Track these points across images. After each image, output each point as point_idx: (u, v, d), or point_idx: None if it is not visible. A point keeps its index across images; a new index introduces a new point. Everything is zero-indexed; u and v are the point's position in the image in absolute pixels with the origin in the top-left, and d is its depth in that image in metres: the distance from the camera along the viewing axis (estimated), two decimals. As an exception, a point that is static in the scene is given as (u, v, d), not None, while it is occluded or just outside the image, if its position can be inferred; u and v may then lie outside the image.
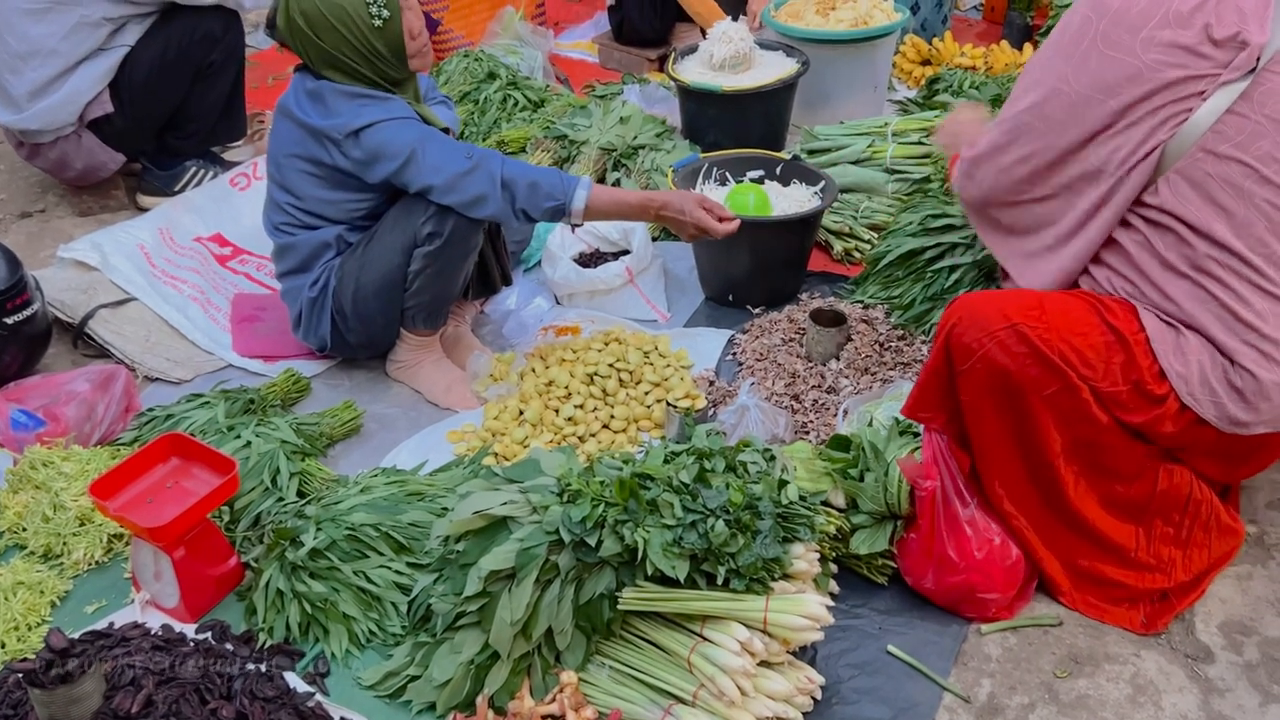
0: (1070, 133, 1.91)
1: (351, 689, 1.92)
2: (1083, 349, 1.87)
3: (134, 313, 3.01)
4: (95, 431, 2.52)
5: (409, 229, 2.53)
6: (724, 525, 1.79)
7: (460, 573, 1.89)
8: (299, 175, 2.58)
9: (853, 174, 3.44)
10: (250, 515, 2.24)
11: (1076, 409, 1.89)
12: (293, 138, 2.56)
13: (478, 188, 2.44)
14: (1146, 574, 2.03)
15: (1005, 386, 1.89)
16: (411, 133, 2.45)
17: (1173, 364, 1.87)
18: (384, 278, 2.58)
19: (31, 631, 2.04)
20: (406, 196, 2.53)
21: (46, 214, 3.69)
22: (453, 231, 2.53)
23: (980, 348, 1.88)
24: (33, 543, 2.22)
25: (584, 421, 2.60)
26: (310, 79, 2.53)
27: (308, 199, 2.60)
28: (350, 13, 2.41)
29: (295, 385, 2.74)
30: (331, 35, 2.43)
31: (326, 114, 2.48)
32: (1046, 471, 1.96)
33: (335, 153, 2.50)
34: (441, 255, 2.56)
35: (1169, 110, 1.83)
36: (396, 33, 2.47)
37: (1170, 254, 1.87)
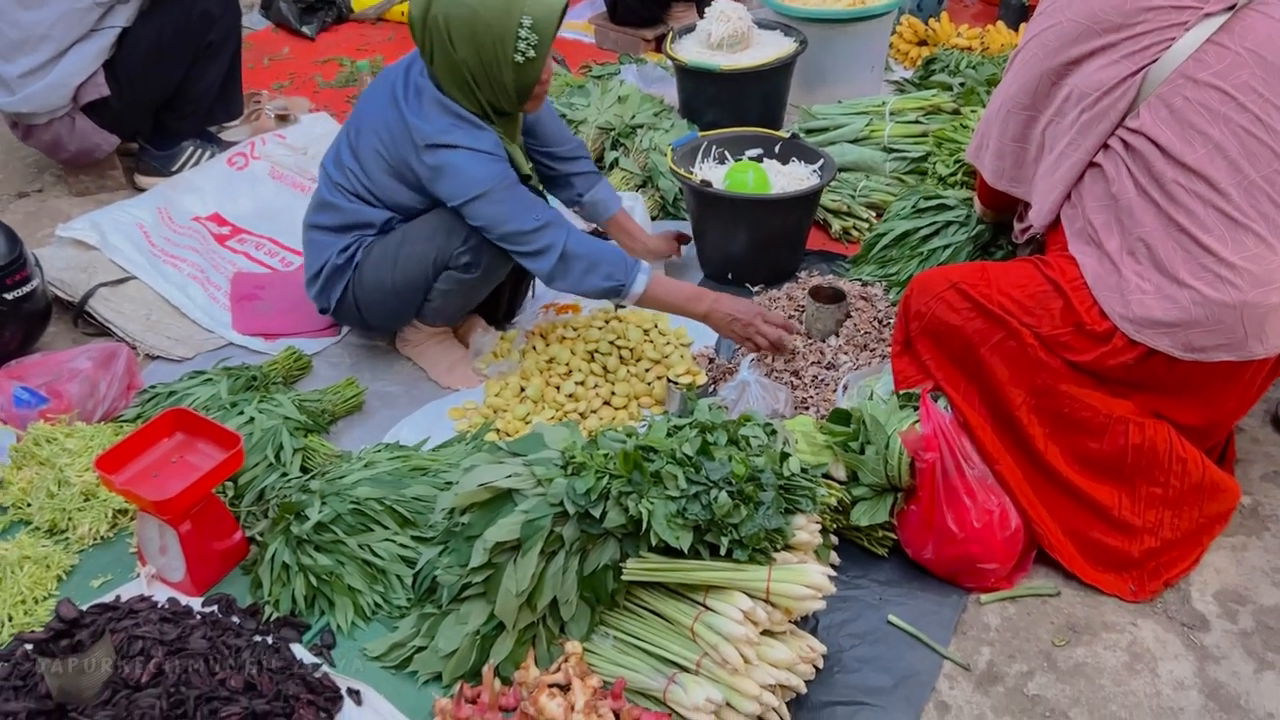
0: (1061, 56, 2.06)
1: (357, 660, 1.94)
2: (1020, 299, 2.03)
3: (134, 291, 3.01)
4: (98, 409, 2.53)
5: (446, 249, 2.51)
6: (727, 497, 1.81)
7: (465, 545, 1.91)
8: (372, 152, 2.51)
9: (851, 153, 3.46)
10: (254, 490, 2.25)
11: (1024, 354, 2.03)
12: (382, 113, 2.49)
13: (537, 246, 2.42)
14: (1134, 536, 2.06)
15: (957, 342, 2.08)
16: (490, 170, 2.40)
17: (1115, 307, 1.98)
18: (408, 283, 2.57)
19: (38, 605, 2.06)
20: (456, 218, 2.48)
21: (44, 194, 3.68)
22: (488, 266, 2.58)
23: (928, 309, 2.10)
24: (38, 518, 2.23)
25: (585, 398, 2.62)
26: (423, 71, 2.46)
27: (372, 176, 2.53)
28: (498, 38, 2.32)
29: (296, 363, 2.75)
30: (467, 50, 2.33)
31: (419, 114, 2.42)
32: (1015, 427, 2.07)
33: (410, 152, 2.44)
34: (468, 282, 2.59)
35: (1153, 38, 1.96)
36: (533, 75, 2.40)
37: (1142, 178, 1.97)
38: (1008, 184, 2.28)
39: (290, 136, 3.79)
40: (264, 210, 3.49)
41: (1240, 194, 1.91)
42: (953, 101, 3.58)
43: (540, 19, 2.32)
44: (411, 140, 2.42)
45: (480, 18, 2.30)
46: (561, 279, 2.46)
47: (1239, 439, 2.37)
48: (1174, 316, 1.93)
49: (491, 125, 2.46)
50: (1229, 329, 1.91)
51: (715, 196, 2.92)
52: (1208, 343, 1.93)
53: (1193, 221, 1.92)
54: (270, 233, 3.39)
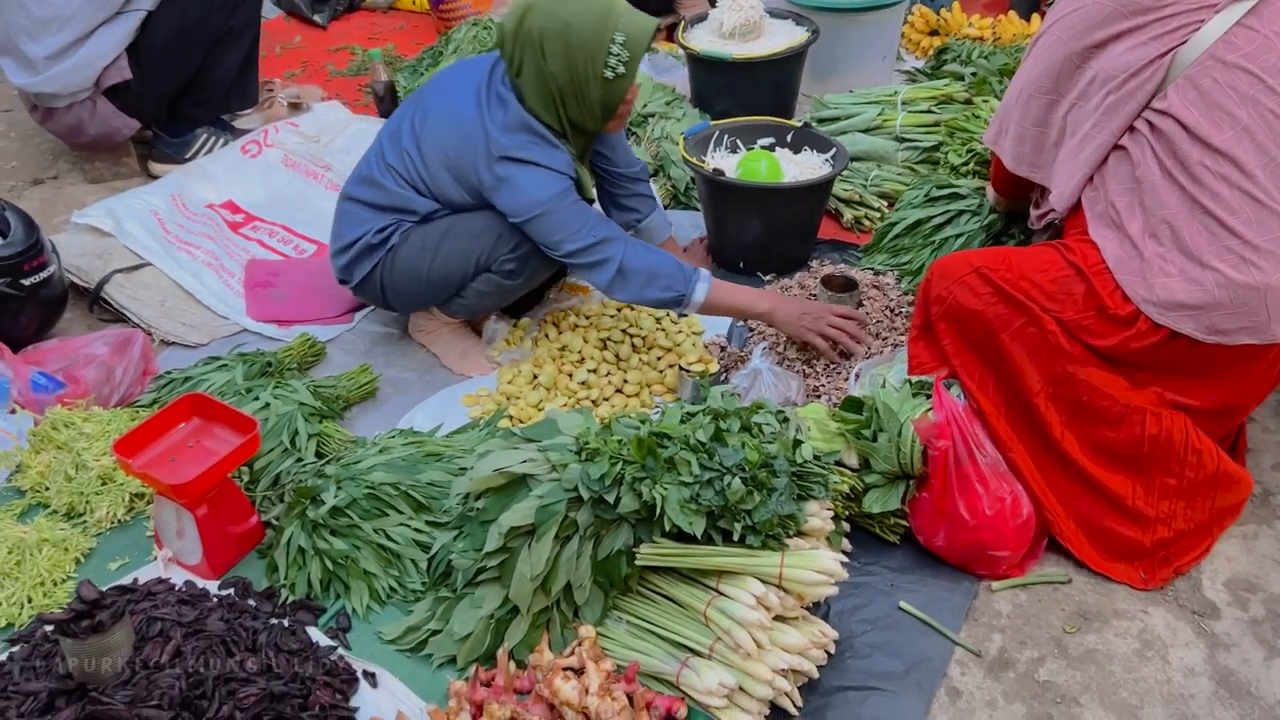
0: (1086, 39, 2.06)
1: (373, 643, 1.96)
2: (1043, 283, 2.03)
3: (149, 278, 3.03)
4: (114, 394, 2.54)
5: (491, 253, 2.52)
6: (740, 483, 1.82)
7: (480, 529, 1.92)
8: (437, 146, 2.48)
9: (863, 142, 3.46)
10: (270, 475, 2.27)
11: (1045, 341, 2.03)
12: (458, 111, 2.45)
13: (595, 259, 2.43)
14: (1147, 526, 2.07)
15: (977, 328, 2.07)
16: (553, 188, 2.40)
17: (1138, 290, 1.98)
18: (444, 278, 2.57)
19: (57, 587, 2.08)
20: (507, 222, 2.48)
21: (59, 180, 3.70)
22: (530, 274, 2.60)
23: (949, 294, 2.09)
24: (56, 501, 2.25)
25: (597, 385, 2.63)
26: (505, 78, 2.44)
27: (431, 168, 2.49)
28: (590, 54, 2.32)
29: (311, 349, 2.76)
30: (558, 64, 2.33)
31: (501, 125, 2.40)
32: (1032, 414, 2.07)
33: (481, 158, 2.42)
34: (507, 287, 2.61)
35: (1182, 19, 1.96)
36: (620, 92, 2.40)
37: (1168, 160, 1.97)
38: (1028, 169, 2.28)
39: (303, 124, 3.80)
40: (277, 198, 3.50)
41: (1267, 177, 1.91)
42: (965, 91, 3.58)
43: (632, 36, 2.33)
44: (486, 147, 2.41)
45: (574, 31, 2.30)
46: (621, 291, 2.47)
47: (1250, 428, 2.37)
48: (1198, 299, 1.93)
49: (566, 143, 2.47)
50: (1252, 311, 1.91)
51: (728, 185, 2.92)
52: (1231, 325, 1.93)
53: (1218, 204, 1.92)
54: (283, 220, 3.40)
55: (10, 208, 2.74)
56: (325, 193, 3.52)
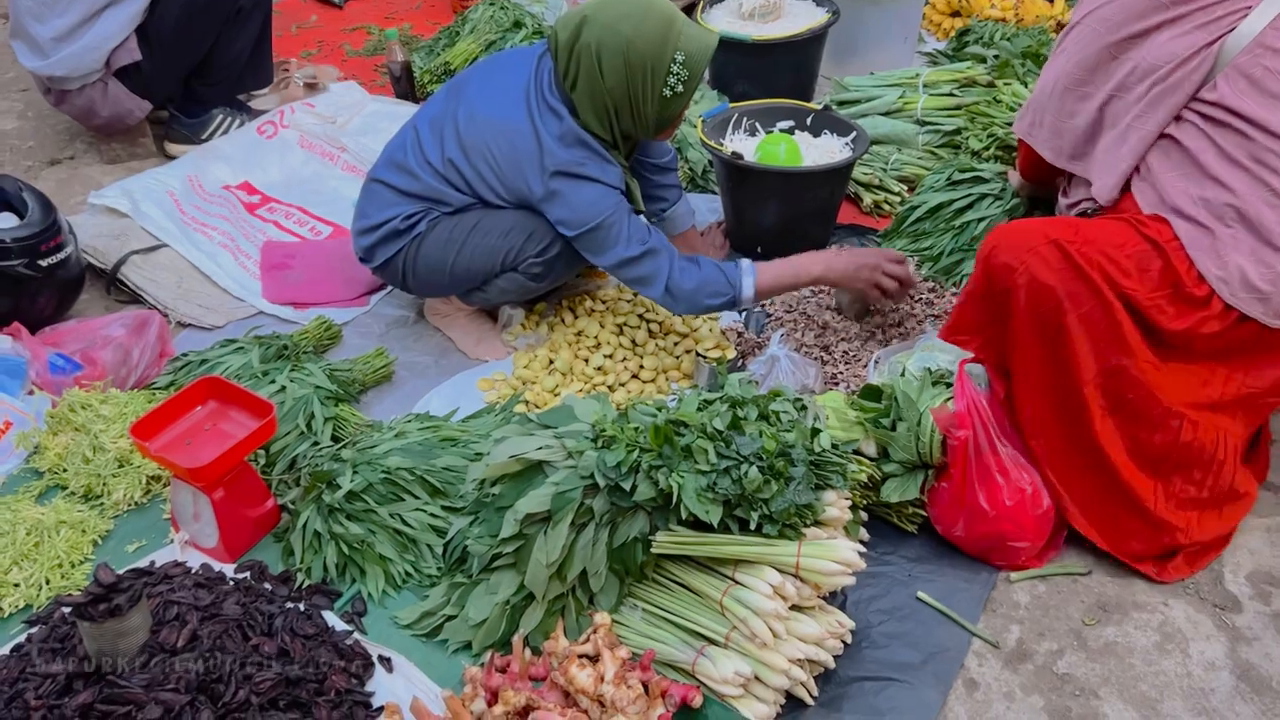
0: (1124, 30, 2.01)
1: (388, 628, 1.96)
2: (1119, 259, 1.95)
3: (165, 259, 3.03)
4: (131, 375, 2.55)
5: (521, 253, 2.50)
6: (757, 472, 1.81)
7: (496, 515, 1.92)
8: (482, 147, 2.43)
9: (883, 125, 3.42)
10: (286, 458, 2.27)
11: (1109, 328, 1.95)
12: (509, 117, 2.40)
13: (641, 273, 2.42)
14: (1162, 532, 2.04)
15: (1047, 303, 1.95)
16: (606, 203, 2.39)
17: (1210, 268, 1.94)
18: (469, 271, 2.56)
19: (75, 569, 2.08)
20: (538, 225, 2.47)
21: (75, 161, 3.70)
22: (556, 277, 2.61)
23: (1021, 264, 1.96)
24: (73, 483, 2.26)
25: (613, 371, 2.61)
26: (552, 87, 2.39)
27: (476, 166, 2.45)
28: (650, 71, 2.29)
29: (327, 332, 2.76)
30: (615, 80, 2.30)
31: (552, 134, 2.36)
32: (1076, 400, 2.00)
33: (533, 168, 2.39)
34: (529, 287, 2.61)
35: (1227, 7, 1.91)
36: (676, 110, 2.38)
37: (1229, 146, 1.93)
38: (1067, 161, 2.22)
39: (319, 105, 3.79)
40: (293, 179, 3.49)
41: None
42: (987, 74, 3.53)
43: (692, 55, 2.30)
44: (540, 159, 2.37)
45: (635, 48, 2.26)
46: (672, 306, 2.47)
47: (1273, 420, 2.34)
48: (1269, 282, 1.90)
49: (617, 154, 2.45)
50: None
51: (746, 169, 2.89)
52: None
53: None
54: (299, 201, 3.39)
55: (28, 189, 2.74)
56: (341, 174, 3.51)
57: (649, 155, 2.78)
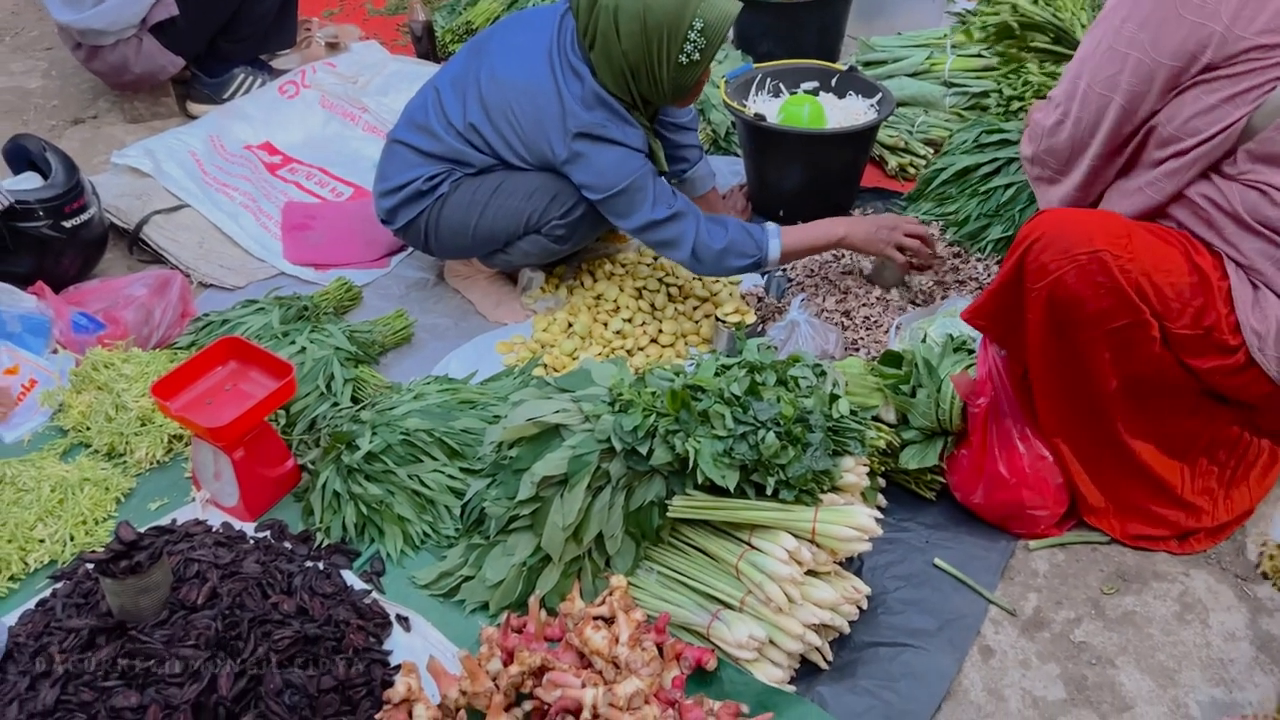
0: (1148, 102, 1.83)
1: (406, 588, 1.98)
2: (1163, 286, 1.79)
3: (187, 219, 3.03)
4: (153, 335, 2.56)
5: (544, 215, 2.49)
6: (774, 437, 1.80)
7: (513, 478, 1.92)
8: (505, 107, 2.42)
9: (910, 87, 3.37)
10: (306, 419, 2.28)
11: (1140, 347, 1.83)
12: (531, 77, 2.39)
13: (667, 236, 2.41)
14: (1190, 513, 2.02)
15: (1071, 315, 1.82)
16: (630, 166, 2.37)
17: (1250, 319, 1.81)
18: (491, 233, 2.55)
19: (98, 526, 2.11)
20: (562, 187, 2.47)
21: (98, 120, 3.71)
22: (578, 240, 2.60)
23: (1057, 269, 1.79)
24: (96, 441, 2.28)
25: (632, 335, 2.61)
26: (575, 46, 2.38)
27: (498, 127, 2.44)
28: (666, 37, 2.27)
29: (347, 294, 2.76)
30: (631, 44, 2.28)
31: (574, 96, 2.35)
32: (1098, 404, 1.93)
33: (556, 130, 2.38)
34: (551, 249, 2.60)
35: (1256, 78, 1.72)
36: (693, 78, 2.36)
37: (1245, 212, 1.79)
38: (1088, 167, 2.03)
39: (340, 65, 3.77)
40: (314, 139, 3.49)
41: None
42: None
43: (711, 24, 2.27)
44: (563, 121, 2.36)
45: (653, 12, 2.24)
46: (697, 267, 2.46)
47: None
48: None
49: (638, 115, 2.43)
50: None
51: (769, 131, 2.86)
52: None
53: None
54: (320, 162, 3.39)
55: (51, 149, 2.75)
56: (362, 134, 3.50)
57: (668, 114, 2.76)
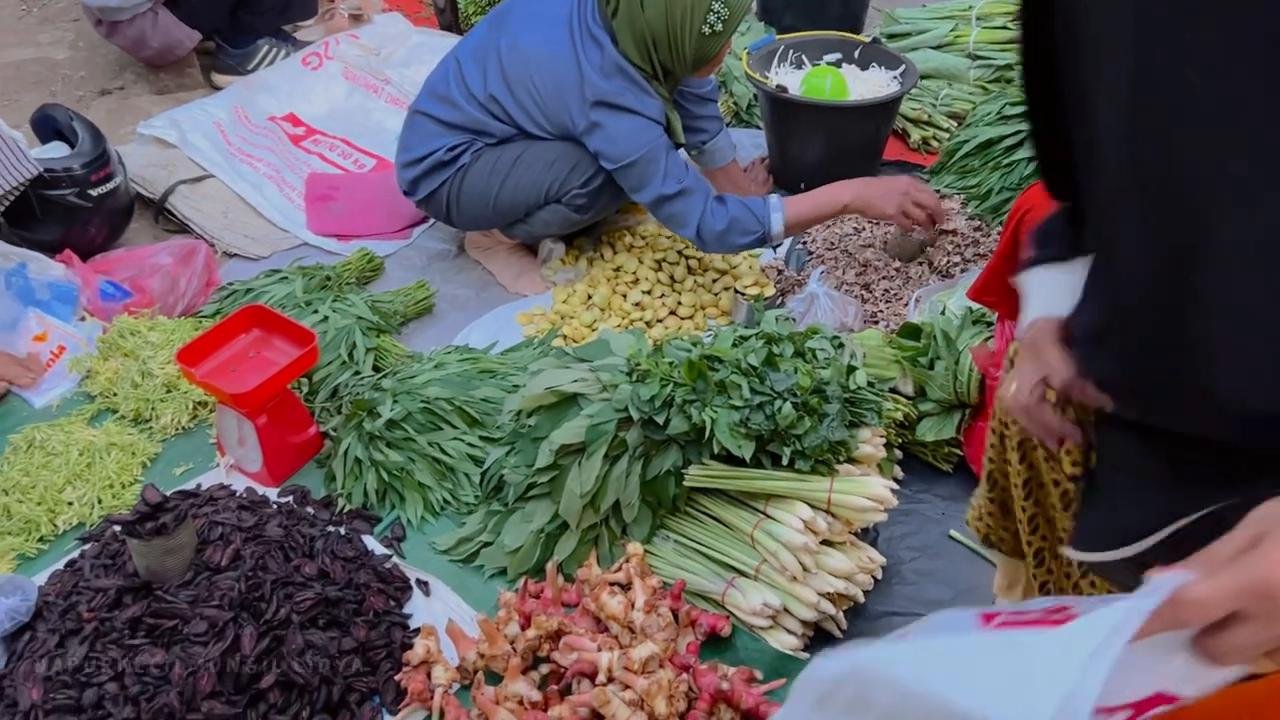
0: None
1: (426, 553, 2.00)
2: None
3: (212, 189, 3.06)
4: (178, 303, 2.60)
5: (565, 184, 2.50)
6: (791, 408, 1.81)
7: (532, 446, 1.94)
8: (525, 78, 2.43)
9: (934, 59, 3.34)
10: (328, 387, 2.31)
11: None
12: (551, 46, 2.40)
13: (675, 210, 2.41)
14: None
15: None
16: (647, 136, 2.38)
17: None
18: (511, 203, 2.56)
19: (125, 490, 2.15)
20: (582, 156, 2.47)
21: (125, 91, 3.74)
22: (599, 210, 2.61)
23: None
24: (123, 407, 2.32)
25: (651, 307, 2.61)
26: (595, 15, 2.40)
27: (518, 97, 2.46)
28: (690, 7, 2.28)
29: (369, 264, 2.78)
30: (656, 13, 2.29)
31: (597, 68, 2.36)
32: None
33: (574, 99, 2.39)
34: (572, 219, 2.60)
35: None
36: (715, 48, 2.37)
37: None
38: None
39: (363, 37, 3.78)
40: (337, 111, 3.50)
41: None
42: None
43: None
44: (581, 90, 2.37)
45: None
46: (703, 246, 2.47)
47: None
48: None
49: (658, 85, 2.43)
50: None
51: (791, 103, 2.85)
52: None
53: None
54: (343, 134, 3.41)
55: (78, 119, 2.78)
56: (385, 106, 3.51)
57: (688, 85, 2.75)
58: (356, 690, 1.71)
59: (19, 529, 2.04)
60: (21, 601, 1.75)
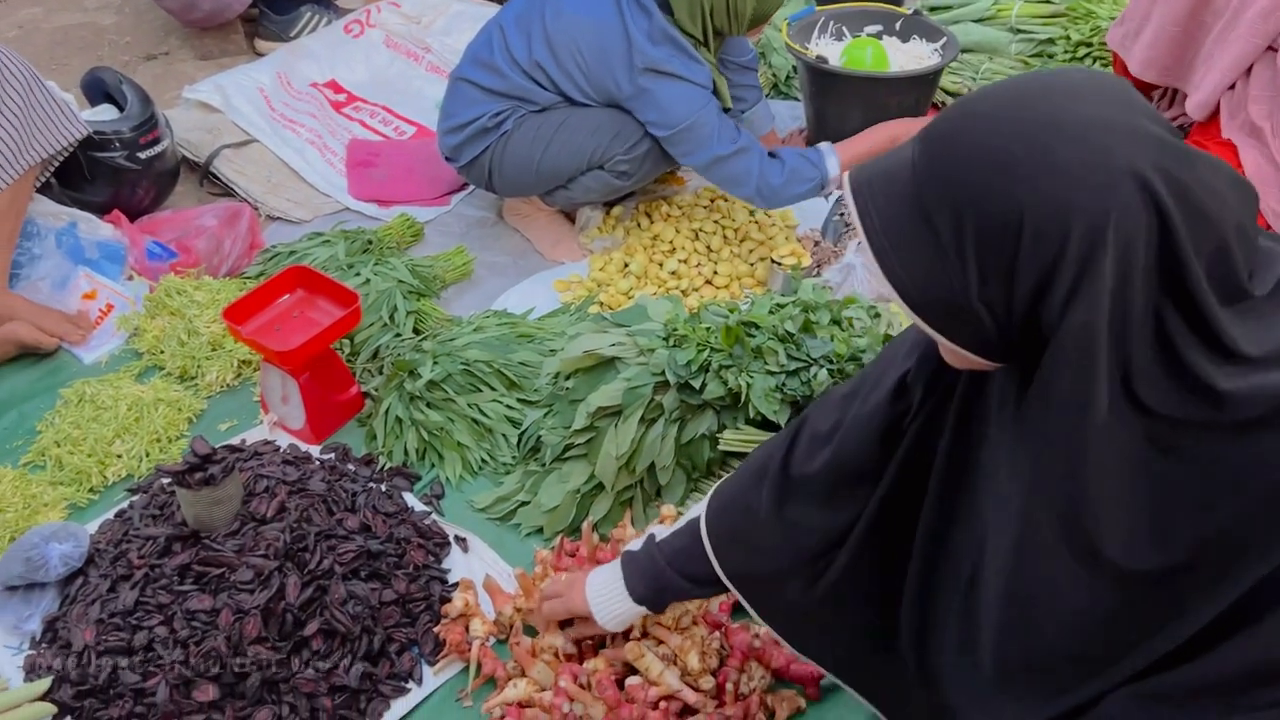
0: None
1: (465, 511, 2.04)
2: None
3: (255, 154, 3.10)
4: (223, 265, 2.64)
5: (608, 151, 2.51)
6: (827, 374, 1.83)
7: (569, 408, 1.98)
8: (570, 43, 2.44)
9: (975, 32, 3.31)
10: (369, 348, 2.35)
11: None
12: (597, 12, 2.41)
13: (732, 172, 2.44)
14: None
15: None
16: (695, 102, 2.39)
17: (1270, 204, 1.88)
18: (554, 169, 2.57)
19: (171, 444, 2.20)
20: (626, 123, 2.49)
21: (170, 56, 3.78)
22: (641, 177, 2.61)
23: None
24: (170, 364, 2.37)
25: (687, 276, 2.63)
26: None
27: (560, 62, 2.46)
28: None
29: (410, 229, 2.81)
30: None
31: (641, 30, 2.37)
32: None
33: (622, 66, 2.40)
34: (614, 185, 2.62)
35: None
36: (774, 7, 2.41)
37: None
38: (1157, 74, 2.12)
39: (404, 5, 3.79)
40: (378, 78, 3.53)
41: None
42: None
43: None
44: (629, 56, 2.38)
45: None
46: (761, 202, 2.50)
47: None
48: None
49: (705, 52, 2.45)
50: None
51: (830, 74, 2.84)
52: None
53: None
54: (384, 101, 3.44)
55: (127, 82, 2.82)
56: (425, 74, 3.54)
57: (729, 54, 2.76)
58: (396, 640, 1.76)
59: (70, 479, 2.10)
60: (75, 548, 1.81)
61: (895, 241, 0.96)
